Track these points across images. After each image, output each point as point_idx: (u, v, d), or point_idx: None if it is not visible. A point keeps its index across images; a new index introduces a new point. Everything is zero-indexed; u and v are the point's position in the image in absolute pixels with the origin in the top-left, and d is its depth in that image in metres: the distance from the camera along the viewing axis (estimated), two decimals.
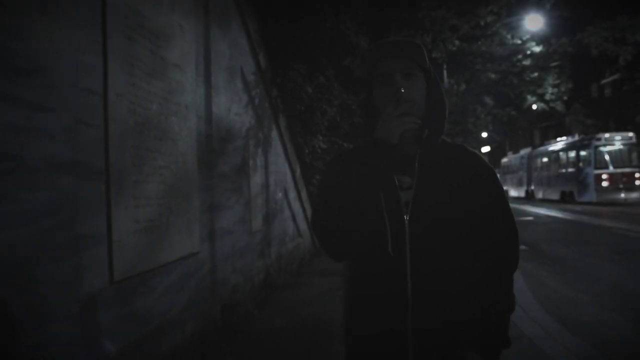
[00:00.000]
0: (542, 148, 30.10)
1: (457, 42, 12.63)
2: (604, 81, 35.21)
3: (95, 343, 2.71)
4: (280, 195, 7.27)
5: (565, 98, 20.49)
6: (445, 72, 15.24)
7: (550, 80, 18.77)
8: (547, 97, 19.13)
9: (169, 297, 3.61)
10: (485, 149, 45.42)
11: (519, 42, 16.74)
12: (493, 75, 16.35)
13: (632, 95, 33.04)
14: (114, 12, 2.97)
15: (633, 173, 21.08)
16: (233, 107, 5.21)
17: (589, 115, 35.71)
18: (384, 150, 1.43)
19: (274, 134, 7.03)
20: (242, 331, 4.70)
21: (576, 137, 25.16)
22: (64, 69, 2.49)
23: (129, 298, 3.07)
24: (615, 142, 21.83)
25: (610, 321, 5.05)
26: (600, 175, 21.11)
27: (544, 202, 26.48)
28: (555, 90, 18.93)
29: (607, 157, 21.56)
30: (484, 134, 39.20)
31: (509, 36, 16.07)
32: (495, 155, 47.38)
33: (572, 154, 24.16)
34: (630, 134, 22.18)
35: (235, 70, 5.32)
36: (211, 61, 4.54)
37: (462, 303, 1.48)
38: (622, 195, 20.77)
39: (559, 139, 28.46)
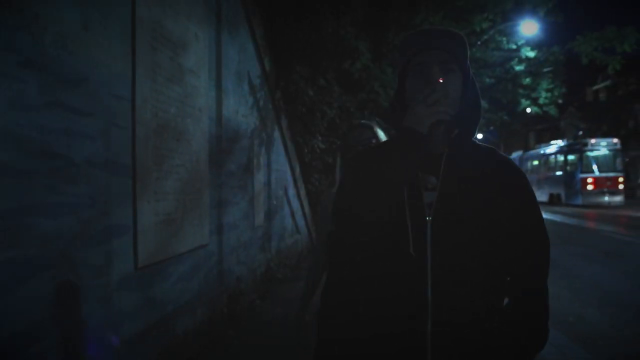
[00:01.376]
0: (532, 151, 30.74)
1: None
2: (595, 87, 35.72)
3: (121, 323, 3.04)
4: (280, 192, 7.60)
5: (560, 101, 20.90)
6: None
7: (544, 84, 19.15)
8: (541, 101, 19.50)
9: (181, 285, 3.94)
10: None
11: (514, 47, 17.11)
12: (488, 80, 16.71)
13: (625, 100, 33.55)
14: (141, 25, 3.29)
15: (617, 177, 21.90)
16: (240, 109, 5.53)
17: (582, 119, 36.22)
18: (411, 143, 1.35)
19: (276, 134, 7.35)
20: (246, 319, 5.03)
21: (563, 142, 25.84)
22: (101, 78, 2.81)
23: (149, 284, 3.40)
24: (601, 148, 22.60)
25: (587, 316, 5.41)
26: (585, 179, 21.83)
27: None
28: (549, 94, 19.31)
29: (593, 161, 22.26)
30: (480, 135, 39.60)
31: (504, 40, 16.43)
32: None
33: (561, 158, 24.87)
34: (615, 140, 22.97)
35: (242, 74, 5.64)
36: (222, 66, 4.86)
37: (483, 314, 1.37)
38: (606, 198, 21.59)
39: (552, 142, 29.01)
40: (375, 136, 2.24)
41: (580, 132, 32.32)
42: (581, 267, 8.36)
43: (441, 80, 1.35)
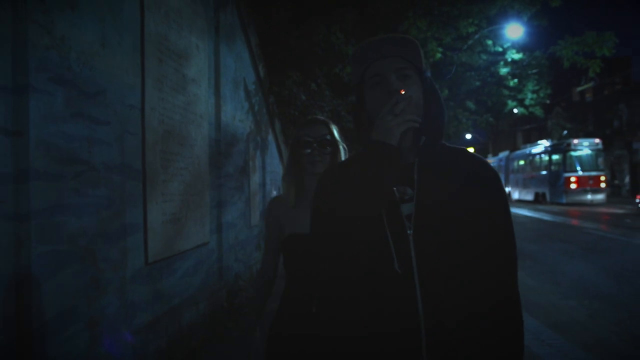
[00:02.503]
0: (519, 152, 31.38)
1: (440, 50, 13.33)
2: (579, 89, 36.32)
3: (134, 313, 3.32)
4: (275, 193, 7.90)
5: (548, 102, 21.37)
6: None
7: (530, 86, 19.58)
8: (527, 102, 19.92)
9: (186, 280, 4.22)
10: (469, 150, 46.25)
11: (500, 49, 17.50)
12: (478, 83, 17.10)
13: (611, 100, 34.15)
14: (149, 39, 3.57)
15: (599, 176, 22.63)
16: (237, 114, 5.82)
17: (568, 119, 36.81)
18: (381, 156, 1.29)
19: (270, 137, 7.65)
20: (244, 313, 5.31)
21: (549, 142, 26.56)
22: (116, 89, 3.08)
23: (157, 278, 3.68)
24: (583, 148, 23.31)
25: (567, 307, 5.76)
26: (569, 178, 22.49)
27: (520, 203, 27.58)
28: (535, 96, 19.74)
29: (576, 161, 22.95)
30: (468, 136, 40.11)
31: (490, 43, 16.82)
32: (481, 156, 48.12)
33: (545, 157, 25.55)
34: (597, 140, 23.75)
35: (239, 81, 5.93)
36: (220, 75, 5.14)
37: (476, 324, 1.34)
38: (589, 196, 22.36)
39: (539, 142, 29.57)
40: (331, 132, 2.10)
41: (565, 132, 32.95)
42: (563, 262, 8.72)
43: (402, 92, 1.31)
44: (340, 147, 2.13)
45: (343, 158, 2.10)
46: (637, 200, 17.55)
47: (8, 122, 2.23)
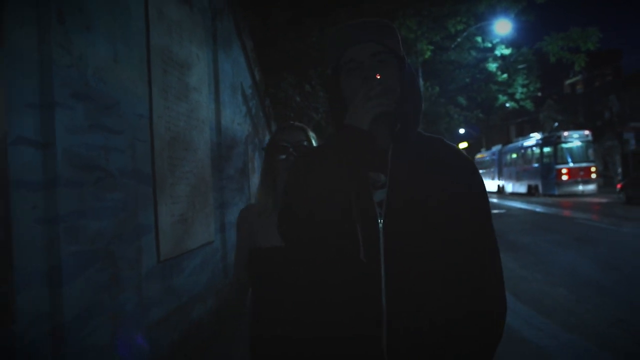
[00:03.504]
0: (511, 145, 31.78)
1: (431, 48, 13.59)
2: (567, 82, 36.69)
3: (149, 308, 3.56)
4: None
5: (539, 94, 21.71)
6: (420, 78, 16.28)
7: (520, 80, 19.92)
8: (517, 96, 20.27)
9: (194, 277, 4.46)
10: (463, 144, 46.66)
11: (490, 45, 17.81)
12: (467, 80, 17.40)
13: (601, 92, 34.52)
14: (154, 51, 3.81)
15: (589, 167, 23.13)
16: (236, 118, 6.06)
17: (560, 112, 37.16)
18: (353, 142, 1.26)
19: (267, 138, 7.91)
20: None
21: (540, 135, 27.01)
22: (127, 100, 3.32)
23: (168, 275, 3.92)
24: (573, 140, 23.77)
25: (556, 294, 6.03)
26: (560, 169, 22.94)
27: (514, 195, 27.99)
28: (525, 90, 20.06)
29: (566, 153, 23.41)
30: (461, 131, 40.42)
31: (479, 39, 17.11)
32: (474, 150, 48.66)
33: (537, 150, 25.94)
34: (587, 132, 24.23)
35: (236, 86, 6.17)
36: (219, 81, 5.38)
37: (444, 316, 1.30)
38: (580, 187, 22.87)
39: (531, 135, 29.95)
40: (308, 139, 2.05)
41: (556, 124, 33.33)
42: (554, 252, 9.01)
43: (379, 77, 1.28)
44: None
45: None
46: (618, 190, 18.02)
47: (38, 135, 2.46)
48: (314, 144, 2.05)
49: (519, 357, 4.10)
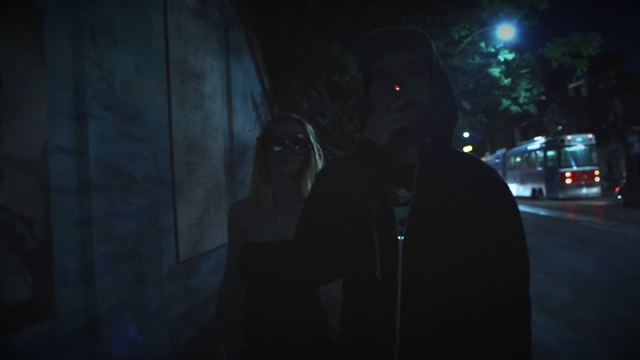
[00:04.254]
0: (515, 149, 31.99)
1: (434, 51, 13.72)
2: (570, 86, 36.80)
3: (170, 306, 3.76)
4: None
5: (543, 97, 21.84)
6: None
7: (524, 85, 20.04)
8: (521, 100, 20.37)
9: (209, 278, 4.67)
10: (467, 148, 46.79)
11: (493, 50, 17.97)
12: (471, 85, 17.56)
13: (605, 95, 34.61)
14: (173, 63, 4.03)
15: (593, 171, 23.33)
16: (246, 125, 6.28)
17: (564, 115, 37.25)
18: (368, 157, 1.20)
19: None
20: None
21: (544, 139, 27.21)
22: (149, 110, 3.53)
23: (186, 276, 4.13)
24: (577, 143, 23.97)
25: (557, 293, 6.21)
26: (564, 173, 23.12)
27: (518, 199, 28.08)
28: (528, 94, 20.18)
29: (570, 157, 23.60)
30: (466, 134, 40.56)
31: (482, 44, 17.28)
32: (478, 154, 48.80)
33: (541, 154, 26.14)
34: (590, 136, 24.45)
35: (247, 94, 6.39)
36: (231, 90, 5.60)
37: (459, 345, 1.24)
38: (584, 190, 23.06)
39: (535, 138, 30.10)
40: (305, 132, 1.95)
41: (560, 128, 33.45)
42: (557, 254, 9.18)
43: (397, 88, 1.23)
44: (315, 149, 1.97)
45: (318, 162, 1.97)
46: (616, 193, 18.20)
47: (73, 144, 2.67)
48: (312, 138, 1.97)
49: None
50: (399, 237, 1.26)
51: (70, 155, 2.65)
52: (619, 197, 18.39)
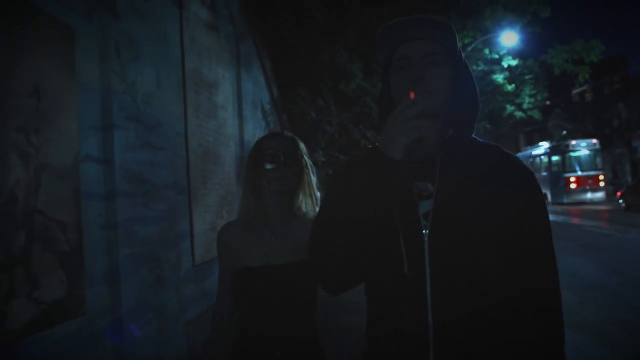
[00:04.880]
0: (520, 154, 32.06)
1: None
2: (574, 91, 36.88)
3: (187, 307, 3.94)
4: None
5: (548, 102, 21.98)
6: None
7: (527, 90, 20.23)
8: (525, 106, 20.57)
9: None
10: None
11: (497, 56, 18.17)
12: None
13: (610, 99, 34.67)
14: (188, 75, 4.22)
15: (597, 175, 23.45)
16: (256, 133, 6.46)
17: (568, 120, 37.32)
18: (380, 170, 1.16)
19: None
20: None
21: (548, 144, 27.36)
22: (167, 120, 3.72)
23: (201, 278, 4.30)
24: (581, 148, 24.12)
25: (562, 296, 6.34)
26: (569, 178, 23.24)
27: None
28: (532, 100, 20.37)
29: (575, 161, 23.76)
30: None
31: (486, 51, 17.48)
32: None
33: (545, 159, 26.28)
34: (594, 141, 24.59)
35: (257, 103, 6.58)
36: (242, 99, 5.79)
37: (493, 335, 1.21)
38: (589, 195, 23.15)
39: (540, 144, 30.20)
40: (298, 149, 1.89)
41: (564, 133, 33.55)
42: (560, 257, 9.06)
43: (412, 96, 1.14)
44: (308, 166, 1.91)
45: (312, 179, 1.92)
46: (617, 197, 18.33)
47: (100, 153, 2.86)
48: (305, 155, 1.90)
49: None
50: (424, 231, 1.24)
51: (98, 163, 2.84)
52: (620, 201, 18.52)
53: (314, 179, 1.93)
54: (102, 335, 2.77)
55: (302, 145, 1.92)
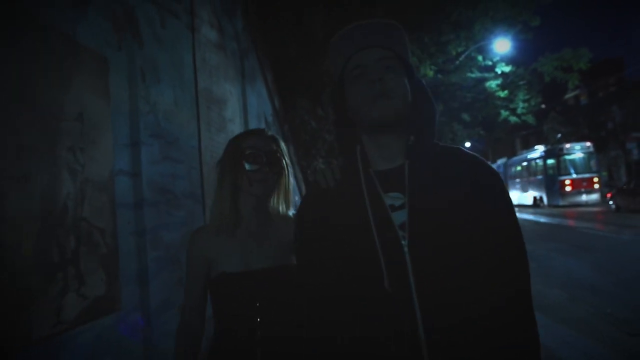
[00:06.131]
0: (516, 158, 32.59)
1: (434, 68, 14.37)
2: (566, 96, 37.32)
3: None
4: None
5: (543, 106, 22.38)
6: None
7: (521, 96, 20.61)
8: (519, 111, 20.94)
9: None
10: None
11: (490, 63, 18.56)
12: (469, 99, 18.13)
13: (604, 103, 35.12)
14: (201, 93, 4.58)
15: (592, 178, 23.92)
16: None
17: (563, 123, 37.75)
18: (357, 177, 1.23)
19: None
20: None
21: (544, 147, 27.87)
22: (184, 135, 4.08)
23: None
24: (576, 151, 24.57)
25: (552, 294, 6.69)
26: (564, 181, 23.68)
27: (520, 207, 28.61)
28: (526, 105, 20.75)
29: (569, 164, 24.22)
30: (467, 144, 41.11)
31: (480, 58, 17.87)
32: None
33: (540, 162, 26.73)
34: (588, 144, 25.11)
35: (260, 115, 6.95)
36: (247, 112, 6.16)
37: (485, 339, 1.21)
38: (584, 197, 23.62)
39: (536, 147, 30.63)
40: (280, 150, 1.83)
41: (559, 136, 33.98)
42: (554, 258, 9.65)
43: (381, 78, 1.23)
44: (288, 169, 1.84)
45: (291, 181, 1.87)
46: (608, 198, 18.78)
47: (130, 167, 3.22)
48: (286, 156, 1.85)
49: None
50: (403, 242, 1.23)
51: (128, 176, 3.19)
52: (611, 202, 18.97)
53: (292, 181, 1.86)
54: (135, 329, 3.11)
55: (282, 144, 1.86)
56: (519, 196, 30.16)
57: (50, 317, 2.32)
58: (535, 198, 27.38)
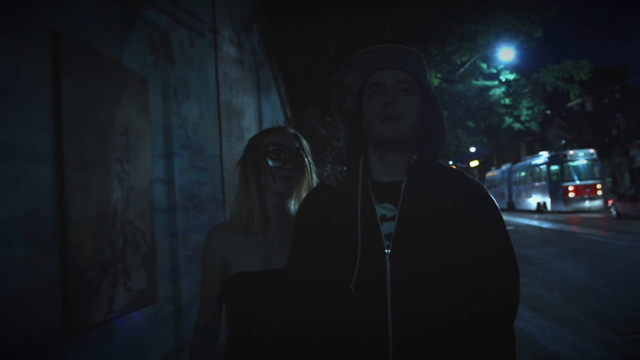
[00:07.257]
0: (520, 164, 32.90)
1: (439, 76, 14.74)
2: (569, 104, 37.55)
3: None
4: None
5: (548, 112, 22.68)
6: None
7: (525, 103, 20.93)
8: (523, 118, 21.26)
9: None
10: (474, 163, 47.38)
11: (495, 71, 18.90)
12: (473, 107, 18.48)
13: (608, 109, 35.32)
14: (222, 106, 4.97)
15: (595, 184, 24.21)
16: None
17: (567, 130, 37.98)
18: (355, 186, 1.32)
19: None
20: None
21: (548, 154, 28.20)
22: (208, 145, 4.46)
23: None
24: (579, 158, 24.88)
25: (549, 296, 7.03)
26: (567, 187, 23.97)
27: (523, 212, 28.96)
28: (530, 112, 21.07)
29: (573, 171, 24.54)
30: (472, 149, 41.40)
31: (484, 66, 18.22)
32: (484, 168, 49.51)
33: (544, 168, 27.04)
34: (592, 151, 25.44)
35: (274, 124, 7.28)
36: (262, 121, 6.55)
37: (449, 341, 1.27)
38: (587, 203, 23.90)
39: (540, 153, 30.92)
40: (303, 147, 1.81)
41: (563, 142, 34.25)
42: (553, 263, 9.98)
43: (393, 100, 1.30)
44: (311, 167, 1.82)
45: (314, 180, 1.82)
46: (609, 205, 19.08)
47: (164, 175, 3.60)
48: (309, 156, 1.82)
49: None
50: (386, 251, 1.29)
51: (163, 184, 3.58)
52: (611, 209, 19.27)
53: (315, 179, 1.81)
54: (169, 319, 3.49)
55: (304, 142, 1.84)
56: (523, 201, 30.48)
57: (104, 306, 2.70)
58: (538, 204, 27.69)
